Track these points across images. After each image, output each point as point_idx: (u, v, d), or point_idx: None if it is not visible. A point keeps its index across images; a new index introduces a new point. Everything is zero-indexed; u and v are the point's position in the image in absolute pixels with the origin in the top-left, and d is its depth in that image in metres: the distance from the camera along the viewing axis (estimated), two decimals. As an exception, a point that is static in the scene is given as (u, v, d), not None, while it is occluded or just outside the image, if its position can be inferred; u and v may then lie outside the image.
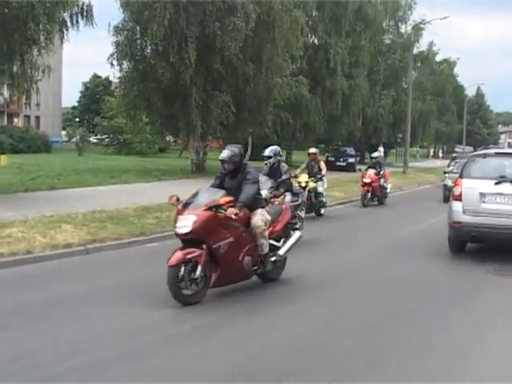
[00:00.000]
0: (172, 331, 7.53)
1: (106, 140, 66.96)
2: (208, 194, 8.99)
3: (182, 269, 8.42)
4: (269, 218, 9.65)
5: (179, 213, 8.81)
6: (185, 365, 6.39)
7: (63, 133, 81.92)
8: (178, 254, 8.48)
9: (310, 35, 44.77)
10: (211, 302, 8.77)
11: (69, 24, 23.08)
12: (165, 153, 65.18)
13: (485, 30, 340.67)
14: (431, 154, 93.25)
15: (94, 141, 74.28)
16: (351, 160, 47.20)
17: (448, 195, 23.71)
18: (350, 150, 50.13)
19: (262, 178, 13.04)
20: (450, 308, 8.97)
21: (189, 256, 8.49)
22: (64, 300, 8.88)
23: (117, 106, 52.00)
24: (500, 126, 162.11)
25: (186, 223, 8.53)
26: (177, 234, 8.80)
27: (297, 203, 14.62)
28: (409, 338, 7.51)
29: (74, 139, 67.57)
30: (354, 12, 44.94)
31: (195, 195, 9.03)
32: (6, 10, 19.67)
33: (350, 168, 43.96)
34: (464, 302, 9.44)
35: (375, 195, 24.18)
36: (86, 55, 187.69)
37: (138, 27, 31.80)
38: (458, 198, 12.69)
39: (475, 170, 12.98)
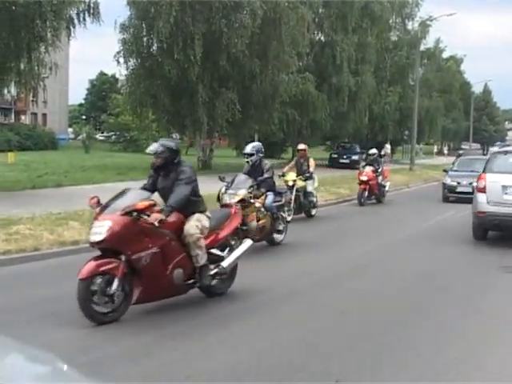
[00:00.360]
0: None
1: (113, 137, 67.14)
2: (131, 195, 7.89)
3: (97, 282, 7.37)
4: (206, 224, 8.43)
5: (95, 217, 7.75)
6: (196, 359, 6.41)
7: (70, 130, 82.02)
8: (91, 265, 7.36)
9: (316, 32, 44.69)
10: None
11: (76, 21, 23.18)
12: (171, 150, 65.11)
13: (492, 26, 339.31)
14: (434, 150, 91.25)
15: (101, 138, 74.44)
16: (355, 157, 46.17)
17: (447, 194, 25.13)
18: (355, 147, 49.66)
19: (242, 177, 12.68)
20: (455, 306, 8.94)
21: (103, 268, 7.38)
22: (71, 297, 8.89)
23: (123, 103, 52.11)
24: (507, 122, 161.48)
25: (100, 230, 7.41)
26: (90, 243, 7.74)
27: (279, 203, 13.96)
28: (415, 337, 7.51)
29: (80, 136, 67.70)
30: (361, 9, 44.82)
31: (117, 197, 7.90)
32: (14, 8, 19.72)
33: (353, 165, 42.83)
34: (472, 299, 9.41)
35: (373, 193, 23.63)
36: (92, 53, 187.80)
37: (144, 24, 31.85)
38: (483, 191, 14.02)
39: (497, 166, 14.40)
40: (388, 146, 54.31)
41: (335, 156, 47.62)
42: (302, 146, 18.86)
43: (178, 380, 5.90)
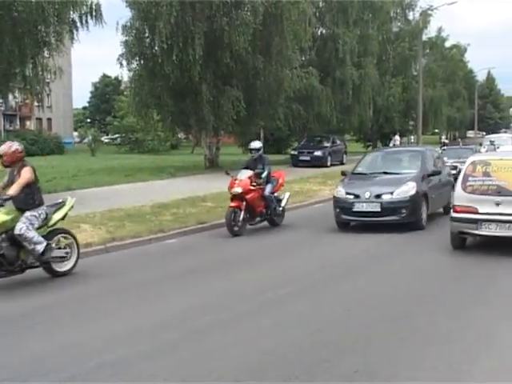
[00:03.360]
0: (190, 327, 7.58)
1: (118, 139, 67.40)
2: None
3: None
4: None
5: None
6: (207, 360, 6.46)
7: (75, 134, 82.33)
8: None
9: (317, 26, 44.52)
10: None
11: (78, 24, 23.14)
12: (177, 149, 65.42)
13: (494, 12, 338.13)
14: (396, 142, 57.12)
15: (106, 140, 74.77)
16: (318, 153, 38.19)
17: (342, 217, 14.89)
18: (328, 140, 41.21)
19: None
20: (463, 295, 8.96)
21: None
22: (88, 299, 8.99)
23: (128, 105, 52.29)
24: (511, 109, 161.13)
25: None
26: None
27: None
28: (433, 326, 7.54)
29: (86, 140, 67.95)
30: (361, 1, 44.78)
31: None
32: (16, 14, 19.76)
33: (316, 163, 36.56)
34: (481, 288, 9.42)
35: (255, 214, 15.02)
36: (94, 55, 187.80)
37: (145, 25, 31.83)
38: None
39: None
40: (398, 138, 53.73)
41: (295, 153, 39.56)
42: (4, 148, 9.96)
43: (202, 375, 5.96)
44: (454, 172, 27.35)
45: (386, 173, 15.72)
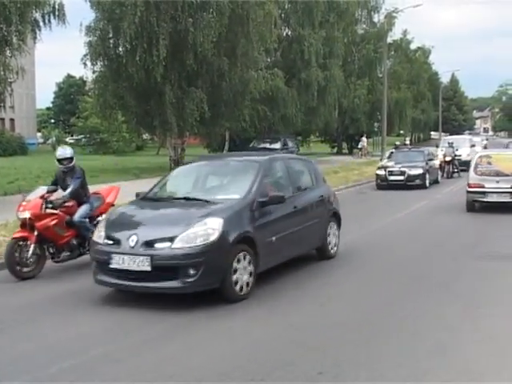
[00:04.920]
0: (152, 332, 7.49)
1: (83, 140, 66.84)
2: None
3: None
4: None
5: None
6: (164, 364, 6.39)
7: (39, 134, 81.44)
8: None
9: (283, 28, 44.73)
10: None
11: (41, 24, 22.85)
12: (142, 151, 65.11)
13: (458, 15, 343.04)
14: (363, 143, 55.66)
15: (71, 141, 74.08)
16: None
17: (97, 277, 8.85)
18: (279, 142, 39.70)
19: None
20: (432, 293, 9.01)
21: None
22: (43, 303, 8.83)
23: (92, 106, 51.89)
24: (475, 111, 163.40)
25: None
26: None
27: None
28: (393, 326, 7.55)
29: (49, 141, 67.28)
30: (327, 3, 45.06)
31: None
32: (-23, 12, 19.46)
33: None
34: (447, 287, 9.47)
35: (60, 247, 10.91)
36: (58, 55, 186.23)
37: (110, 26, 31.58)
38: None
39: None
40: (364, 140, 54.07)
41: None
42: None
43: (162, 379, 5.89)
44: (401, 178, 25.19)
45: (187, 199, 9.55)
